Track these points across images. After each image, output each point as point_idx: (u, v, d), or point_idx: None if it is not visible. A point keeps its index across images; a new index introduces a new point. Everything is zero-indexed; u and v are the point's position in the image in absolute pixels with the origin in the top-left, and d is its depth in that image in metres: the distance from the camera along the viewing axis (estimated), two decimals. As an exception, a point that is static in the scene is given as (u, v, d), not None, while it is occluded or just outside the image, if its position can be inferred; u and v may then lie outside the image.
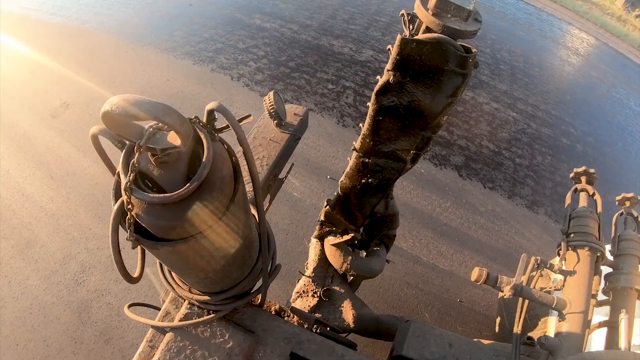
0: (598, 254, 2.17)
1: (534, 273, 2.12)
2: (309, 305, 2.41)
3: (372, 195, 2.27)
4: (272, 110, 2.67)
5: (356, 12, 10.33)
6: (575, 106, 9.17)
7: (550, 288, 2.29)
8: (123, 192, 1.06)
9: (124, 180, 1.05)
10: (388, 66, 1.65)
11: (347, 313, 2.33)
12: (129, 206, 1.09)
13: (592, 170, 2.48)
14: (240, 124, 1.28)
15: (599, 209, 2.33)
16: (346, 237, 2.50)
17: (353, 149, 2.11)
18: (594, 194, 2.41)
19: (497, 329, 3.54)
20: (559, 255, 2.26)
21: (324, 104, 6.94)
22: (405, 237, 5.07)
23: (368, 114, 1.86)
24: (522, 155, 7.02)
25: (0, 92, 6.54)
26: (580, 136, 8.12)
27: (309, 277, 2.45)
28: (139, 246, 1.26)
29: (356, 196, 2.31)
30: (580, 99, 9.62)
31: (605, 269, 2.25)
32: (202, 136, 1.13)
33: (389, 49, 1.65)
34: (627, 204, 2.40)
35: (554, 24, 14.36)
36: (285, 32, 8.81)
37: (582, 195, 2.45)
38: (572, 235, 2.24)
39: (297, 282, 2.57)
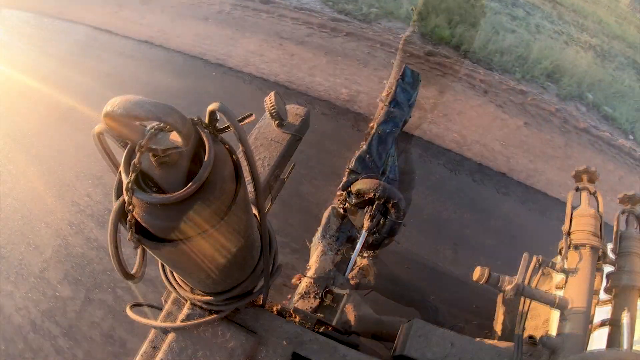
0: (600, 253, 2.17)
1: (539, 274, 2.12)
2: (310, 307, 2.42)
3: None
4: (273, 111, 2.67)
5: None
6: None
7: (549, 288, 2.29)
8: (124, 192, 1.06)
9: (125, 180, 1.06)
10: None
11: (349, 314, 2.34)
12: (130, 207, 1.09)
13: (593, 169, 2.48)
14: (242, 123, 1.28)
15: (601, 207, 2.32)
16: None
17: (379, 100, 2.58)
18: (595, 193, 2.40)
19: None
20: (560, 254, 2.25)
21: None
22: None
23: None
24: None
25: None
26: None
27: (311, 278, 2.45)
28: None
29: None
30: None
31: (607, 268, 2.25)
32: (203, 137, 1.13)
33: None
34: (629, 203, 2.39)
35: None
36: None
37: (584, 194, 2.45)
38: (573, 234, 2.24)
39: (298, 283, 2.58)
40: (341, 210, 2.95)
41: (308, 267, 2.60)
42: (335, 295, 2.40)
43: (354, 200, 2.84)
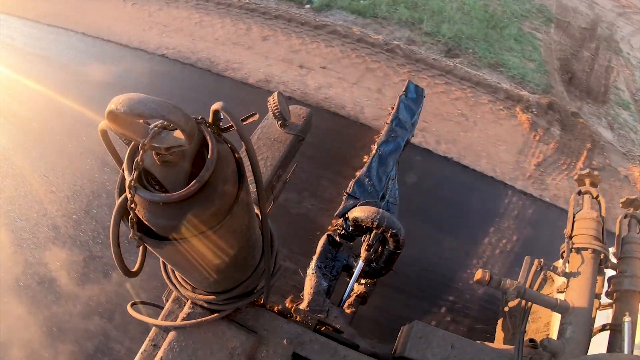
0: (601, 257, 2.16)
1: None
2: None
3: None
4: (276, 111, 2.68)
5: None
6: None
7: (551, 292, 2.28)
8: (127, 190, 1.07)
9: (127, 178, 1.06)
10: None
11: None
12: (132, 205, 1.10)
13: (595, 173, 2.47)
14: (245, 123, 1.28)
15: (603, 211, 2.32)
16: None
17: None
18: (597, 196, 2.40)
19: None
20: (562, 257, 2.25)
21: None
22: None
23: None
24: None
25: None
26: None
27: (304, 310, 2.40)
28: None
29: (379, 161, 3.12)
30: None
31: (609, 272, 2.24)
32: (206, 136, 1.14)
33: None
34: (631, 207, 2.39)
35: None
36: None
37: (586, 197, 2.44)
38: (575, 237, 2.23)
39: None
40: (337, 238, 2.86)
41: (301, 299, 2.54)
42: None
43: (350, 228, 2.78)
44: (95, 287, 4.21)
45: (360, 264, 2.70)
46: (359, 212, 2.66)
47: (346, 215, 2.79)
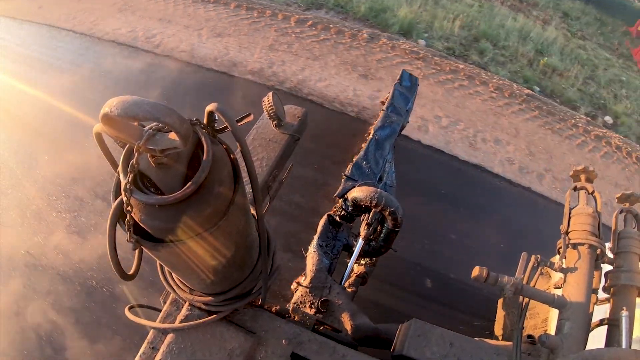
0: (598, 252, 2.17)
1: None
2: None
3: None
4: (271, 111, 2.67)
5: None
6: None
7: (548, 287, 2.29)
8: (122, 193, 1.06)
9: (123, 181, 1.06)
10: None
11: (346, 324, 2.31)
12: (128, 207, 1.09)
13: (591, 168, 2.48)
14: (240, 124, 1.28)
15: (599, 206, 2.33)
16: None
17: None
18: (593, 192, 2.41)
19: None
20: (559, 253, 2.26)
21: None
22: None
23: None
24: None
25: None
26: None
27: (307, 287, 2.42)
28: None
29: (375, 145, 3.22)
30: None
31: (606, 267, 2.25)
32: (202, 138, 1.13)
33: None
34: (627, 202, 2.40)
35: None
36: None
37: (582, 193, 2.45)
38: (571, 233, 2.24)
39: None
40: (337, 218, 2.93)
41: (304, 276, 2.57)
42: (331, 305, 2.37)
43: (350, 208, 2.84)
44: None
45: (360, 242, 2.75)
46: (357, 192, 2.72)
47: (345, 196, 2.85)
